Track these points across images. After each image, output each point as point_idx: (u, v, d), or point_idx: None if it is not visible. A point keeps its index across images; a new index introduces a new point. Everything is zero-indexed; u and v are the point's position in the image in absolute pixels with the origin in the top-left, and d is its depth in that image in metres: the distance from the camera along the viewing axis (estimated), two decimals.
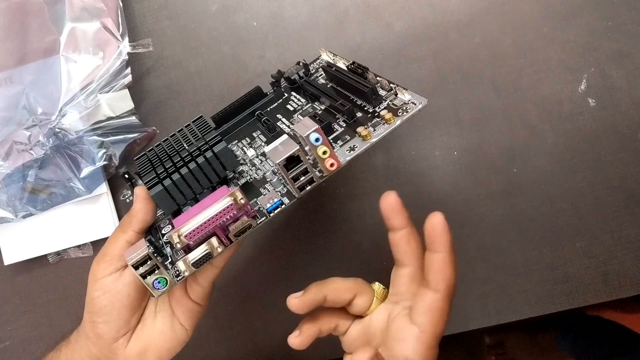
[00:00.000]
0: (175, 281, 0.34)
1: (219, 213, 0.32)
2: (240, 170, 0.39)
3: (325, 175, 0.33)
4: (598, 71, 0.50)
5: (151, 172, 0.35)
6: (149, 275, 0.33)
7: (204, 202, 0.33)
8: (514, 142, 0.51)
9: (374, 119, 0.36)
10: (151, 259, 0.32)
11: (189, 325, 0.39)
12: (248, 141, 0.42)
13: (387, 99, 0.37)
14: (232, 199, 0.32)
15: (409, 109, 0.35)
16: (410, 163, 0.51)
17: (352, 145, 0.35)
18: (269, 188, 0.37)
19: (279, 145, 0.33)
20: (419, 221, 0.52)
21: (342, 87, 0.41)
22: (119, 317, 0.37)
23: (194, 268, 0.33)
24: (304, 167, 0.32)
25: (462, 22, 0.50)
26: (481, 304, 0.52)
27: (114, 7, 0.49)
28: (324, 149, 0.32)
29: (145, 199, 0.37)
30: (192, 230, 0.32)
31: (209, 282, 0.38)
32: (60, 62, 0.48)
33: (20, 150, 0.48)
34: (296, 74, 0.44)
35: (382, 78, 0.38)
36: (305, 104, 0.42)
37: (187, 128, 0.39)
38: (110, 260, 0.37)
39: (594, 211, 0.50)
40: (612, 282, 0.51)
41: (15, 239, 0.51)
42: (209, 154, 0.35)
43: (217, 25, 0.52)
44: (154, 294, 0.33)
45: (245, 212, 0.33)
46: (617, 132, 0.50)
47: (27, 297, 0.54)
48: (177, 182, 0.35)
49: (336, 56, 0.43)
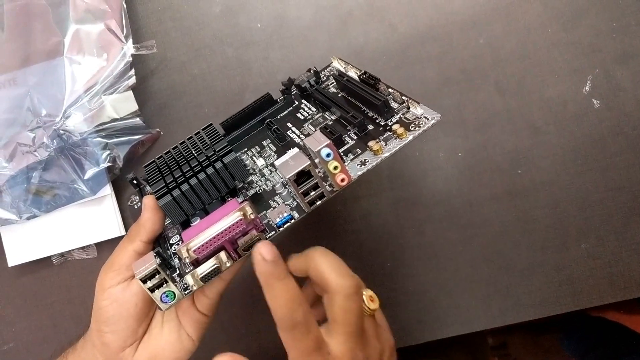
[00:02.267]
0: (183, 295, 0.33)
1: (228, 228, 0.32)
2: (250, 180, 0.39)
3: (335, 190, 0.33)
4: (603, 72, 0.50)
5: (160, 182, 0.35)
6: (157, 289, 0.33)
7: (213, 215, 0.33)
8: (518, 143, 0.50)
9: (386, 132, 0.36)
10: (159, 272, 0.32)
11: (195, 336, 0.39)
12: (257, 150, 0.42)
13: (399, 112, 0.37)
14: (241, 214, 0.32)
15: (422, 123, 0.35)
16: (414, 164, 0.51)
17: (364, 160, 0.34)
18: (278, 201, 0.36)
19: (289, 160, 0.32)
20: (420, 223, 0.52)
21: (353, 98, 0.41)
22: (126, 326, 0.37)
23: (202, 282, 0.33)
24: (315, 182, 0.32)
25: (466, 23, 0.50)
26: (485, 305, 0.52)
27: (118, 8, 0.49)
28: (335, 164, 0.32)
29: (154, 208, 0.37)
30: (201, 245, 0.32)
31: (217, 294, 0.38)
32: (64, 64, 0.48)
33: (24, 152, 0.48)
34: (307, 81, 0.44)
35: (395, 90, 0.37)
36: (316, 113, 0.42)
37: (197, 136, 0.38)
38: (118, 270, 0.37)
39: (599, 212, 0.50)
40: (618, 283, 0.51)
41: (19, 241, 0.51)
42: (218, 164, 0.34)
43: (221, 27, 0.52)
44: (161, 307, 0.33)
45: (254, 226, 0.33)
46: (622, 133, 0.50)
47: (31, 299, 0.54)
48: (186, 193, 0.34)
49: (348, 64, 0.43)
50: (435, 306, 0.52)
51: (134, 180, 0.38)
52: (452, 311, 0.52)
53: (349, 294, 0.32)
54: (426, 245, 0.52)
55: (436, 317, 0.52)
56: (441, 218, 0.51)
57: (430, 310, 0.52)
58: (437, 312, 0.52)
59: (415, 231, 0.52)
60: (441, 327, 0.52)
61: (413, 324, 0.52)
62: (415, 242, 0.52)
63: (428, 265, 0.52)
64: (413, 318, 0.52)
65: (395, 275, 0.52)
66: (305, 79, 0.44)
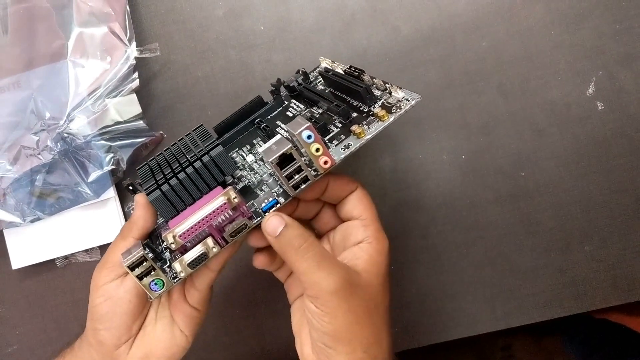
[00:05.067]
0: (172, 283, 0.34)
1: (212, 212, 0.33)
2: (239, 175, 0.39)
3: (320, 173, 0.34)
4: (606, 74, 0.50)
5: (150, 180, 0.36)
6: (146, 277, 0.33)
7: (199, 203, 0.34)
8: (521, 145, 0.50)
9: (369, 117, 0.36)
10: (146, 260, 0.33)
11: (188, 332, 0.39)
12: (248, 148, 0.42)
13: (381, 98, 0.37)
14: (225, 198, 0.33)
15: (403, 105, 0.35)
16: (417, 167, 0.51)
17: (347, 144, 0.35)
18: (265, 189, 0.37)
19: (272, 145, 0.33)
20: (423, 224, 0.52)
21: (339, 91, 0.41)
22: (121, 323, 0.37)
23: (190, 269, 0.33)
24: (298, 165, 0.33)
25: (469, 25, 0.50)
26: (489, 307, 0.52)
27: (122, 11, 0.49)
28: (317, 146, 0.32)
29: (144, 206, 0.37)
30: (186, 230, 0.32)
31: (206, 286, 0.38)
32: (67, 67, 0.48)
33: (28, 154, 0.48)
34: (295, 81, 0.44)
35: (377, 79, 0.38)
36: (304, 109, 0.42)
37: (188, 137, 0.39)
38: (111, 267, 0.37)
39: (603, 215, 0.50)
40: (621, 285, 0.51)
41: (23, 243, 0.52)
42: (206, 158, 0.35)
43: (224, 30, 0.52)
44: (150, 295, 0.34)
45: (241, 213, 0.34)
46: (626, 135, 0.50)
47: (35, 301, 0.54)
48: (175, 187, 0.35)
49: (335, 62, 0.43)
50: (439, 309, 0.52)
51: (130, 187, 0.38)
52: (456, 314, 0.52)
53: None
54: (430, 248, 0.52)
55: (440, 320, 0.52)
56: (444, 221, 0.51)
57: (434, 312, 0.52)
58: (440, 314, 0.52)
59: (419, 234, 0.52)
60: (445, 329, 0.52)
61: (417, 327, 0.52)
62: (418, 244, 0.52)
63: (431, 267, 0.52)
64: (417, 321, 0.52)
65: (398, 278, 0.52)
66: (294, 79, 0.45)
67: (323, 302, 0.33)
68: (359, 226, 0.37)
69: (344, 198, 0.38)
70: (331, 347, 0.34)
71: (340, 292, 0.33)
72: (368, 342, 0.34)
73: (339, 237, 0.39)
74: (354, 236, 0.37)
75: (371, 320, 0.35)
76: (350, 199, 0.38)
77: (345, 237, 0.38)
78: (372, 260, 0.36)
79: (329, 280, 0.33)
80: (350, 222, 0.38)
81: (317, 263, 0.33)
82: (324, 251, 0.35)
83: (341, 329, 0.33)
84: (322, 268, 0.33)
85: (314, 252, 0.34)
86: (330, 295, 0.33)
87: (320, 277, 0.33)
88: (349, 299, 0.33)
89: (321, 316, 0.33)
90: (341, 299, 0.33)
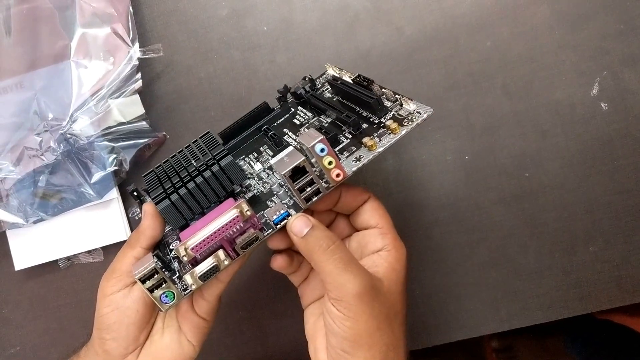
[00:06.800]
0: (182, 295, 0.34)
1: (225, 225, 0.32)
2: (248, 184, 0.39)
3: (331, 186, 0.33)
4: (610, 75, 0.49)
5: (159, 188, 0.35)
6: (156, 289, 0.33)
7: (211, 214, 0.33)
8: (525, 146, 0.50)
9: (380, 129, 0.36)
10: (158, 272, 0.32)
11: (196, 341, 0.39)
12: (255, 156, 0.42)
13: (392, 110, 0.37)
14: (238, 211, 0.32)
15: (415, 118, 0.35)
16: (421, 167, 0.51)
17: (358, 156, 0.35)
18: (275, 201, 0.37)
19: (284, 157, 0.33)
20: (427, 224, 0.51)
21: (348, 100, 0.41)
22: (128, 333, 0.37)
23: (201, 281, 0.33)
24: (310, 177, 0.33)
25: (473, 26, 0.50)
26: (493, 308, 0.51)
27: (124, 12, 0.49)
28: (330, 159, 0.32)
29: (153, 215, 0.37)
30: (198, 243, 0.32)
31: (215, 297, 0.38)
32: (71, 68, 0.48)
33: (31, 155, 0.48)
34: (302, 88, 0.44)
35: (387, 89, 0.38)
36: (312, 117, 0.42)
37: (195, 144, 0.39)
38: (119, 277, 0.37)
39: (607, 215, 0.50)
40: (626, 286, 0.50)
41: (26, 245, 0.51)
42: (215, 168, 0.35)
43: (228, 30, 0.52)
44: (161, 308, 0.33)
45: (252, 225, 0.33)
46: (630, 135, 0.49)
47: (37, 303, 0.54)
48: (184, 197, 0.34)
49: (342, 70, 0.43)
50: (443, 310, 0.52)
51: (134, 192, 0.38)
52: (460, 315, 0.52)
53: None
54: (433, 249, 0.51)
55: (444, 321, 0.52)
56: (448, 221, 0.51)
57: (438, 314, 0.52)
58: (444, 316, 0.52)
59: (423, 235, 0.51)
60: (449, 331, 0.52)
61: (420, 328, 0.52)
62: (422, 245, 0.51)
63: (435, 269, 0.52)
64: (420, 322, 0.52)
65: None
66: (301, 86, 0.44)
67: (347, 306, 0.33)
68: (377, 234, 0.37)
69: (358, 208, 0.38)
70: (349, 353, 0.33)
71: (365, 296, 0.33)
72: (387, 349, 0.34)
73: (355, 246, 0.39)
74: (372, 244, 0.37)
75: (390, 327, 0.34)
76: (366, 209, 0.38)
77: (363, 246, 0.38)
78: (392, 268, 0.36)
79: (355, 283, 0.33)
80: (368, 231, 0.38)
81: (344, 265, 0.33)
82: (350, 254, 0.34)
83: (362, 334, 0.33)
84: (349, 271, 0.33)
85: (341, 254, 0.33)
86: (354, 298, 0.33)
87: (346, 280, 0.33)
88: (372, 304, 0.33)
89: (343, 320, 0.33)
90: (365, 304, 0.33)
